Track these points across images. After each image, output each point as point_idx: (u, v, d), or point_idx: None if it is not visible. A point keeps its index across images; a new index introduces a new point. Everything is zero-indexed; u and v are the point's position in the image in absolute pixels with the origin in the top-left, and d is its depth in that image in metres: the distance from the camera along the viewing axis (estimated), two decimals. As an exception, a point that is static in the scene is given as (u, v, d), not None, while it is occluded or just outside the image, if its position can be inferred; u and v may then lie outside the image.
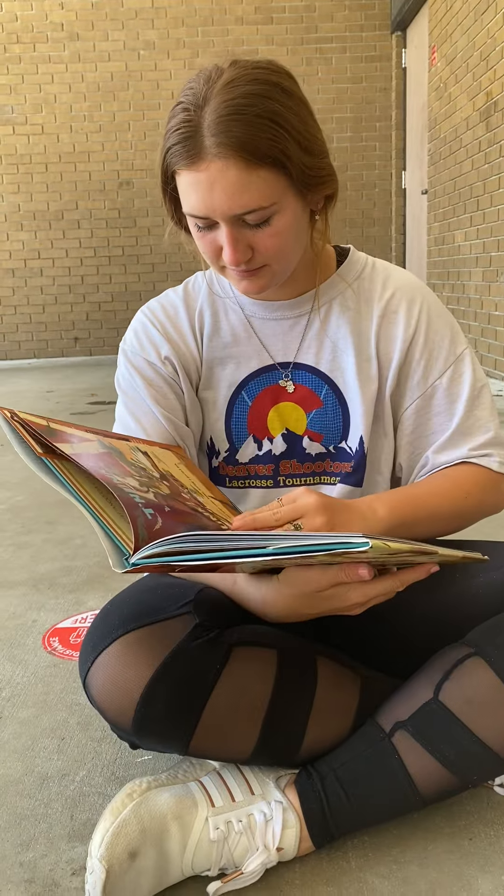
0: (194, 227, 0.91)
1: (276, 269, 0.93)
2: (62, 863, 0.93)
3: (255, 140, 0.82)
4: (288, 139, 0.84)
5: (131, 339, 1.06)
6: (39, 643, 1.51)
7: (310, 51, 6.35)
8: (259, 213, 0.86)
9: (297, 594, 0.81)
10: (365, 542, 0.61)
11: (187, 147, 0.84)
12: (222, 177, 0.83)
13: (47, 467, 0.79)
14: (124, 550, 0.72)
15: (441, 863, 0.90)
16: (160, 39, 6.36)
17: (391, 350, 1.02)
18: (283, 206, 0.87)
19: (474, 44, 4.45)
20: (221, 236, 0.88)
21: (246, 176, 0.83)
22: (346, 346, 1.02)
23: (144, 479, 0.83)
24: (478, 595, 0.97)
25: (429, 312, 1.02)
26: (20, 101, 6.46)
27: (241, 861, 0.87)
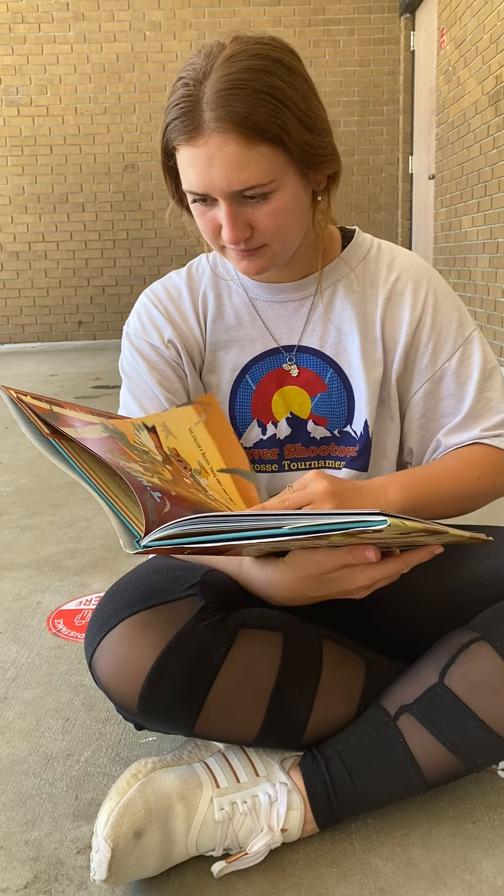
0: (194, 204, 0.90)
1: (277, 249, 0.92)
2: (67, 841, 0.94)
3: (255, 115, 0.81)
4: (288, 115, 0.83)
5: (135, 323, 1.05)
6: (44, 625, 1.52)
7: (317, 33, 6.29)
8: (258, 189, 0.84)
9: (303, 577, 0.81)
10: (383, 520, 0.61)
11: (186, 121, 0.83)
12: (221, 152, 0.82)
13: (55, 448, 0.78)
14: (135, 532, 0.71)
15: (444, 846, 0.91)
16: (166, 20, 6.29)
17: (397, 333, 1.01)
18: (282, 183, 0.86)
19: (484, 26, 4.39)
20: (220, 214, 0.87)
21: (245, 152, 0.82)
22: (350, 330, 1.01)
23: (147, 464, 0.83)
24: (484, 580, 0.97)
25: (435, 294, 1.01)
26: (25, 83, 6.41)
27: (245, 842, 0.87)
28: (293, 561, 0.82)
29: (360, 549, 0.77)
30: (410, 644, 0.99)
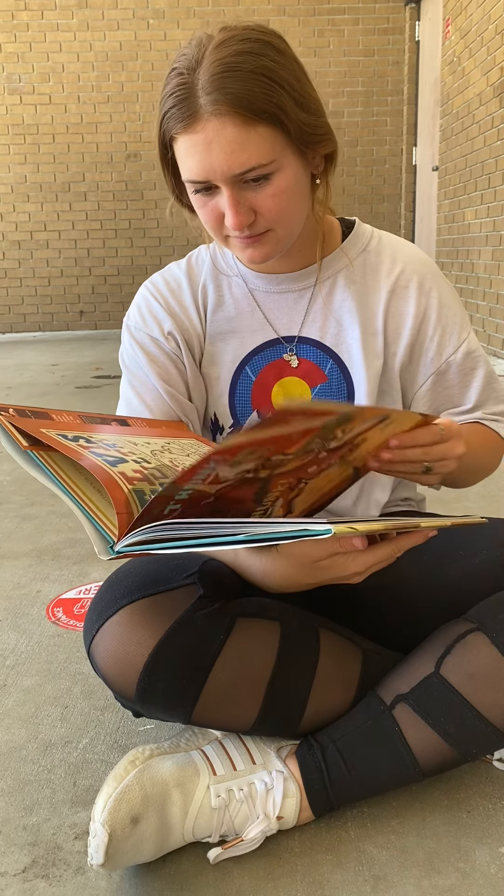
0: (194, 195, 0.90)
1: (280, 234, 0.91)
2: (65, 827, 0.95)
3: (251, 95, 0.81)
4: (283, 94, 0.83)
5: (134, 315, 1.05)
6: (43, 613, 1.52)
7: (322, 22, 6.26)
8: (259, 170, 0.84)
9: (296, 564, 0.81)
10: (327, 530, 0.62)
11: (183, 109, 0.83)
12: (219, 135, 0.82)
13: (33, 460, 0.78)
14: (108, 538, 0.72)
15: (439, 834, 0.91)
16: (170, 8, 6.26)
17: (401, 326, 1.01)
18: (282, 164, 0.86)
19: (490, 17, 4.37)
20: (223, 201, 0.87)
21: (244, 133, 0.82)
22: (351, 321, 1.01)
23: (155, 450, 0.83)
24: (480, 572, 0.97)
25: (439, 289, 1.02)
26: (27, 70, 6.39)
27: (241, 828, 0.88)
28: (286, 549, 0.82)
29: (346, 539, 0.77)
30: (407, 634, 0.99)
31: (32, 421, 0.80)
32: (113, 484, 0.71)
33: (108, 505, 0.76)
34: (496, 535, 1.00)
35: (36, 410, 0.83)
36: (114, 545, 0.70)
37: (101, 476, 0.72)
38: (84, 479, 0.78)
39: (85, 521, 0.73)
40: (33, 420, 0.80)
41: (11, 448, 0.78)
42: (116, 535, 0.70)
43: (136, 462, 0.79)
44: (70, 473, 0.78)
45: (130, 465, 0.77)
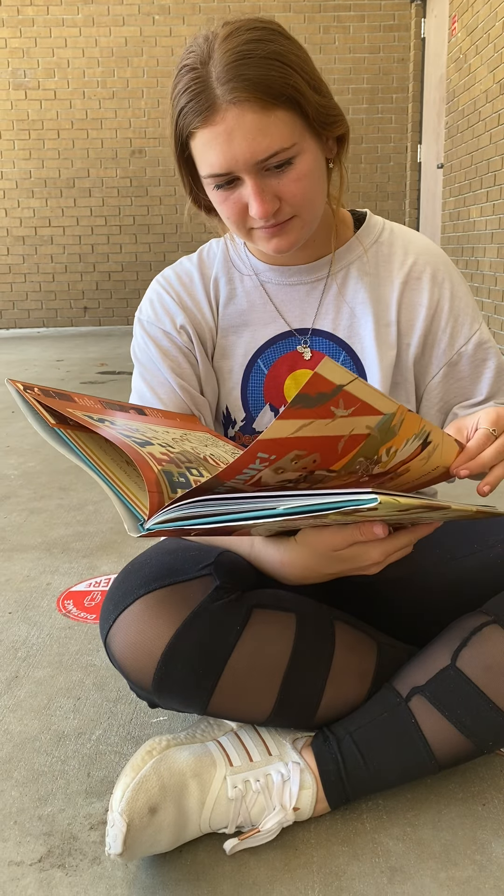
0: (215, 191, 0.89)
1: (306, 219, 0.91)
2: (80, 817, 0.95)
3: (268, 79, 0.81)
4: (297, 77, 0.84)
5: (147, 309, 1.05)
6: (54, 606, 1.52)
7: (327, 18, 6.25)
8: (282, 154, 0.84)
9: (315, 554, 0.81)
10: (373, 498, 0.60)
11: (200, 102, 0.83)
12: (240, 123, 0.82)
13: (60, 437, 0.79)
14: (139, 516, 0.72)
15: (454, 827, 0.91)
16: (175, 4, 6.25)
17: (414, 317, 1.01)
18: (303, 147, 0.86)
19: (496, 14, 4.36)
20: (246, 191, 0.87)
21: (264, 118, 0.82)
22: (364, 312, 1.01)
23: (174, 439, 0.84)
24: (495, 564, 0.97)
25: (452, 280, 1.02)
26: (33, 66, 6.38)
27: (257, 820, 0.88)
28: (304, 539, 0.82)
29: (367, 526, 0.77)
30: (422, 627, 0.99)
31: (57, 401, 0.80)
32: (144, 463, 0.71)
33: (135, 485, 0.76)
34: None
35: (59, 392, 0.84)
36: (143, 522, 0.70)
37: (132, 454, 0.72)
38: (111, 459, 0.79)
39: (115, 498, 0.73)
40: (58, 400, 0.81)
41: (39, 425, 0.78)
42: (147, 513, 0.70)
43: (160, 445, 0.79)
44: (97, 453, 0.78)
45: (157, 447, 0.77)
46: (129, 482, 0.77)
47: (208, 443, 0.91)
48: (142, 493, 0.75)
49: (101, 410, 0.84)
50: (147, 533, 0.70)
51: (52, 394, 0.83)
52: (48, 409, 0.79)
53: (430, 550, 1.02)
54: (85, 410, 0.81)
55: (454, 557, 1.01)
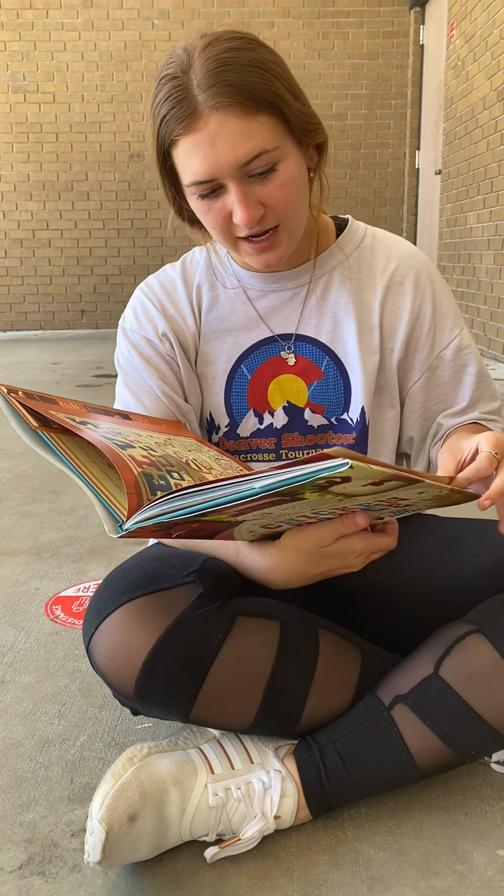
0: (198, 200, 0.89)
1: (290, 228, 0.91)
2: (62, 824, 0.94)
3: (250, 85, 0.82)
4: (278, 84, 0.84)
5: (130, 317, 1.05)
6: (42, 611, 1.52)
7: (326, 24, 6.26)
8: (265, 157, 0.84)
9: (301, 555, 0.82)
10: (345, 462, 0.60)
11: (182, 109, 0.83)
12: (223, 128, 0.82)
13: (42, 440, 0.79)
14: (118, 517, 0.72)
15: (436, 836, 0.91)
16: (175, 9, 6.26)
17: (397, 322, 1.02)
18: (285, 153, 0.87)
19: (494, 21, 4.38)
20: (230, 199, 0.87)
21: (246, 123, 0.83)
22: (346, 317, 1.01)
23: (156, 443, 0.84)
24: (480, 573, 0.97)
25: (434, 285, 1.03)
26: (32, 69, 6.39)
27: (238, 828, 0.88)
28: (289, 541, 0.83)
29: (349, 518, 0.79)
30: (407, 636, 0.99)
31: (41, 403, 0.81)
32: (123, 465, 0.72)
33: (116, 487, 0.76)
34: (495, 538, 1.00)
35: (43, 395, 0.84)
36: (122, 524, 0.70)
37: (111, 456, 0.72)
38: (92, 462, 0.79)
39: (95, 500, 0.74)
40: (41, 403, 0.81)
41: (21, 429, 0.79)
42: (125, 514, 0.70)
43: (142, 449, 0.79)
44: (79, 455, 0.79)
45: (138, 450, 0.78)
46: (109, 484, 0.77)
47: (192, 448, 0.91)
48: (122, 496, 0.75)
49: (84, 414, 0.85)
50: (126, 533, 0.70)
51: (35, 397, 0.83)
52: (31, 412, 0.79)
53: (415, 559, 1.02)
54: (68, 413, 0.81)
55: (439, 566, 1.01)
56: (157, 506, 0.68)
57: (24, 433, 0.79)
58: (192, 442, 0.95)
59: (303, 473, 0.62)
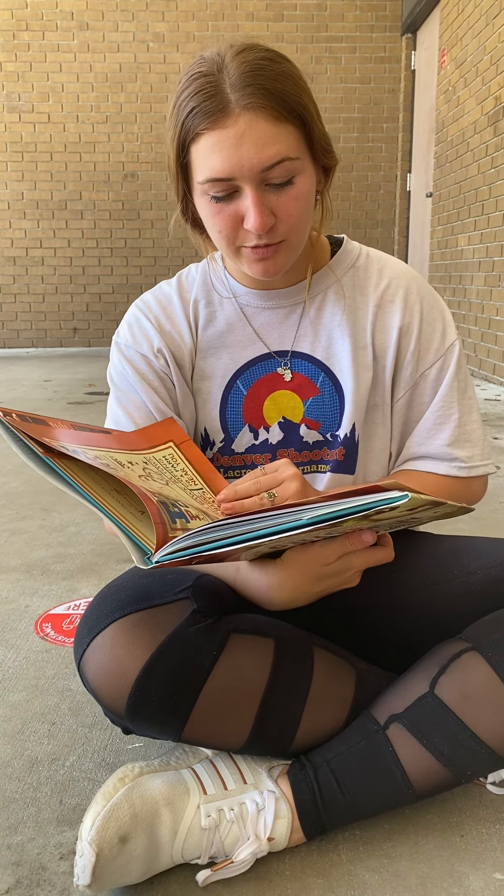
0: (210, 202, 0.89)
1: (293, 243, 0.92)
2: (50, 847, 0.92)
3: (283, 93, 0.84)
4: (307, 98, 0.86)
5: (125, 332, 1.05)
6: (31, 628, 1.50)
7: (319, 49, 6.35)
8: (287, 165, 0.85)
9: (302, 573, 0.82)
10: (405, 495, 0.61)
11: (212, 104, 0.83)
12: (252, 129, 0.83)
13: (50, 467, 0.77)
14: (145, 549, 0.71)
15: (432, 858, 0.90)
16: (170, 32, 6.34)
17: (386, 339, 1.02)
18: (304, 166, 0.88)
19: (485, 48, 4.44)
20: (243, 204, 0.87)
21: (274, 128, 0.84)
22: (341, 335, 1.02)
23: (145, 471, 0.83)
24: (475, 591, 0.97)
25: (422, 303, 1.03)
26: (27, 90, 6.44)
27: (231, 850, 0.86)
28: (292, 560, 0.82)
29: (356, 535, 0.79)
30: (401, 654, 0.98)
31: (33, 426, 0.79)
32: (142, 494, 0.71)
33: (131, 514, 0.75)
34: (490, 555, 0.99)
35: (34, 417, 0.83)
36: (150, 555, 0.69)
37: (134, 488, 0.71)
38: (101, 487, 0.77)
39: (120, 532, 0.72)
40: (33, 426, 0.80)
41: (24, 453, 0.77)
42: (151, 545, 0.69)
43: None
44: (87, 481, 0.77)
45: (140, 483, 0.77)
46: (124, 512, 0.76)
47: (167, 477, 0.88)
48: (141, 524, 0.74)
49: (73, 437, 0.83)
50: (157, 565, 0.69)
51: (27, 419, 0.82)
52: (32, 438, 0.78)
53: (410, 577, 1.01)
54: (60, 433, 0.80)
55: (434, 583, 1.00)
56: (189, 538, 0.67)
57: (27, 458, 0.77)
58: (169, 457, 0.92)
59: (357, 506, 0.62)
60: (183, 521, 0.73)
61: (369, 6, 6.31)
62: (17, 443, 0.78)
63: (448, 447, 1.03)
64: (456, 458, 1.03)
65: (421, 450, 1.04)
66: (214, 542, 0.66)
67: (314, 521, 0.63)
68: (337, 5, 6.30)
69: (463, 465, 1.03)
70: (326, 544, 0.80)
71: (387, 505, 0.62)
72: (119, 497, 0.78)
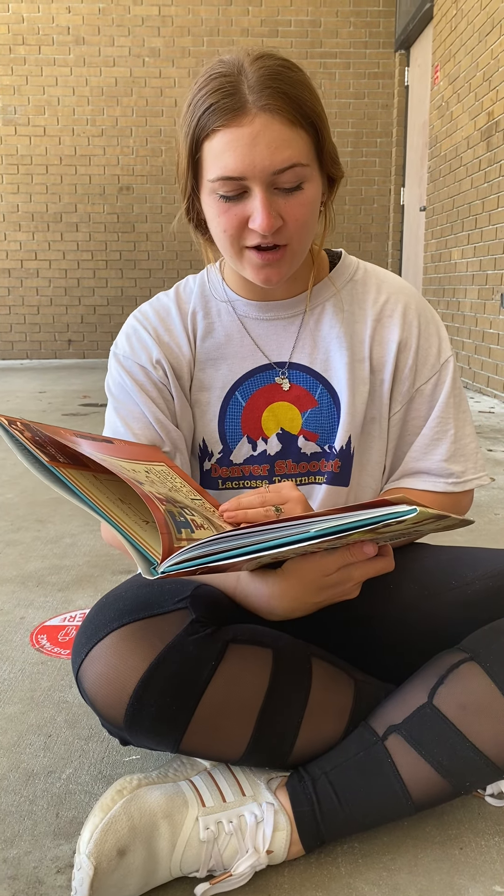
0: (218, 201, 0.89)
1: (296, 250, 0.92)
2: (47, 860, 0.91)
3: (299, 99, 0.85)
4: (320, 108, 0.88)
5: (123, 344, 1.05)
6: (27, 640, 1.49)
7: (314, 65, 6.41)
8: (298, 171, 0.86)
9: (303, 583, 0.82)
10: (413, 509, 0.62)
11: (230, 102, 0.84)
12: (267, 130, 0.84)
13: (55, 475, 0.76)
14: (150, 559, 0.70)
15: (431, 871, 0.89)
16: (166, 47, 6.39)
17: (384, 354, 1.03)
18: (313, 174, 0.89)
19: (477, 64, 4.49)
20: (251, 205, 0.87)
21: (289, 132, 0.85)
22: (339, 347, 1.02)
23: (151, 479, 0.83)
24: (472, 602, 0.97)
25: (420, 319, 1.04)
26: (23, 103, 6.47)
27: (230, 863, 0.85)
28: (293, 570, 0.82)
29: (358, 547, 0.79)
30: (400, 665, 0.98)
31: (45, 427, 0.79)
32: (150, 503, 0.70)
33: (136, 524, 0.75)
34: (488, 566, 0.99)
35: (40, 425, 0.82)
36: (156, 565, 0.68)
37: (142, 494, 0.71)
38: (107, 498, 0.77)
39: (125, 542, 0.72)
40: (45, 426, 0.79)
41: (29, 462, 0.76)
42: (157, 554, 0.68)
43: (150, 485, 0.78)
44: (92, 490, 0.77)
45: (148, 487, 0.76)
46: (129, 522, 0.75)
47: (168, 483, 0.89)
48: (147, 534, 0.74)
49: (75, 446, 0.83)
50: (163, 575, 0.68)
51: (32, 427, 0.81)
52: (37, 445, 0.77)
53: (408, 587, 1.01)
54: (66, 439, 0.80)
55: (432, 594, 1.00)
56: (195, 549, 0.66)
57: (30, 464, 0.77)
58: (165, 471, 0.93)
59: (365, 519, 0.63)
60: (188, 531, 0.72)
61: (363, 23, 6.37)
62: (22, 451, 0.78)
63: (445, 462, 1.03)
64: (451, 473, 1.04)
65: (418, 465, 1.05)
66: (223, 553, 0.66)
67: (322, 533, 0.63)
68: (331, 21, 6.36)
69: (457, 480, 1.04)
70: (328, 555, 0.80)
71: (394, 519, 0.62)
72: (124, 506, 0.77)
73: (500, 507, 2.36)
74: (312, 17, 6.35)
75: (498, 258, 4.18)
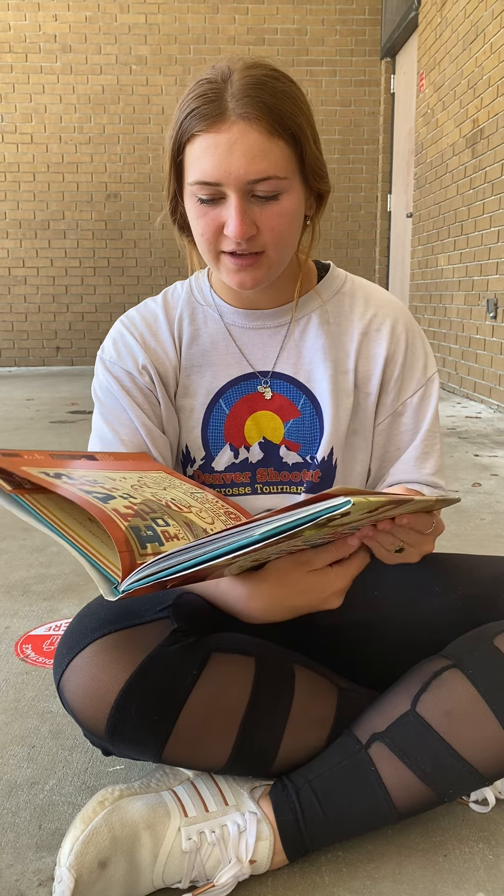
0: (197, 204, 0.90)
1: (273, 258, 0.92)
2: (29, 873, 0.91)
3: (280, 109, 0.85)
4: (304, 121, 0.88)
5: (109, 349, 1.05)
6: (11, 650, 1.48)
7: (300, 73, 6.43)
8: (273, 182, 0.86)
9: (282, 581, 0.82)
10: (347, 501, 0.61)
11: (211, 108, 0.85)
12: (244, 139, 0.84)
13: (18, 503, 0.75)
14: (112, 579, 0.70)
15: (415, 879, 0.89)
16: (152, 55, 6.40)
17: (371, 367, 1.03)
18: (292, 186, 0.89)
19: (462, 72, 4.52)
20: (227, 210, 0.88)
21: (267, 142, 0.85)
22: (323, 359, 1.02)
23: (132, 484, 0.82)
24: (456, 608, 0.97)
25: (408, 333, 1.05)
26: (10, 111, 6.47)
27: (212, 873, 0.85)
28: (272, 570, 0.83)
29: (343, 542, 0.80)
30: (383, 672, 0.98)
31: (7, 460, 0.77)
32: (110, 521, 0.69)
33: (103, 545, 0.74)
34: (472, 572, 1.00)
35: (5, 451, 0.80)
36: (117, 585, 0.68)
37: (97, 514, 0.69)
38: (73, 519, 0.76)
39: (85, 563, 0.71)
40: (7, 459, 0.77)
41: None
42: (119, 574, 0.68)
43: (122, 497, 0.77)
44: (59, 514, 0.75)
45: (119, 500, 0.75)
46: (96, 542, 0.74)
47: (166, 484, 0.90)
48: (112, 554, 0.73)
49: (53, 464, 0.81)
50: (124, 595, 0.68)
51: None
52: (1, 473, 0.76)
53: (392, 593, 1.01)
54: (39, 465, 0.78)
55: (416, 600, 1.00)
56: (154, 565, 0.66)
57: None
58: (162, 476, 0.93)
59: (304, 516, 0.63)
60: (155, 544, 0.72)
61: (349, 31, 6.41)
62: None
63: (433, 476, 1.05)
64: (438, 486, 1.06)
65: (410, 477, 1.05)
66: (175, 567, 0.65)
67: (267, 535, 0.63)
68: (317, 30, 6.40)
69: (442, 493, 1.05)
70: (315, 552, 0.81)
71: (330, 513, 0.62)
72: (92, 526, 0.76)
73: (487, 512, 2.37)
74: (298, 25, 6.38)
75: (484, 264, 4.20)
